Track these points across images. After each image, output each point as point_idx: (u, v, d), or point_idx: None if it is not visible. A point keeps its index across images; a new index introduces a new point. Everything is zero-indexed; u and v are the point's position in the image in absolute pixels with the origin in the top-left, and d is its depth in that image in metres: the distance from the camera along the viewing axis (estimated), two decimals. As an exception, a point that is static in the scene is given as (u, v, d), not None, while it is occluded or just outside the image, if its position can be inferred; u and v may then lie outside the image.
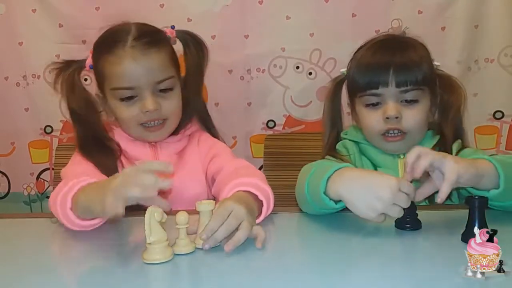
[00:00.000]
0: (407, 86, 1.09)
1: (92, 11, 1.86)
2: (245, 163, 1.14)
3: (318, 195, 0.91)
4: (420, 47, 1.15)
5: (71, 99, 1.15)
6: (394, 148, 1.14)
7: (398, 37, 1.19)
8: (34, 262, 0.82)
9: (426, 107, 1.13)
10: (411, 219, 0.90)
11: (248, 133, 1.92)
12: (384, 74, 1.09)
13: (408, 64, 1.10)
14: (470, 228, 0.81)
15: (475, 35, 1.82)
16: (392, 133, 1.11)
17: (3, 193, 2.03)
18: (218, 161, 1.16)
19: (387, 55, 1.11)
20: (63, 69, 1.16)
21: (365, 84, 1.11)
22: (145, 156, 1.15)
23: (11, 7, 1.89)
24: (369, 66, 1.11)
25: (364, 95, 1.12)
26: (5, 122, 1.96)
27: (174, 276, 0.76)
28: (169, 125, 1.14)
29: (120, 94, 1.08)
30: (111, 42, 1.09)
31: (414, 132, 1.12)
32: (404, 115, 1.10)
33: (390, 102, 1.10)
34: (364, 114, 1.14)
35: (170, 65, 1.12)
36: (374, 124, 1.12)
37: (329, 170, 0.91)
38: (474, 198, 0.83)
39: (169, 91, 1.11)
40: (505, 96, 1.85)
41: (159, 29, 1.15)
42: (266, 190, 0.99)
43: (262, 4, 1.84)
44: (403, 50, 1.12)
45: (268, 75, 1.89)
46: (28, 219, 1.16)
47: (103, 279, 0.74)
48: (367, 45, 1.16)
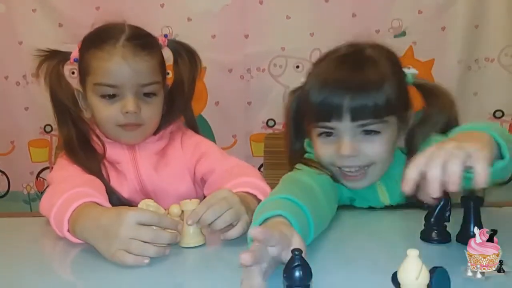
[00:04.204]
0: (365, 119, 0.93)
1: (92, 11, 1.85)
2: (237, 162, 1.13)
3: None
4: (382, 60, 0.97)
5: (58, 91, 1.12)
6: (355, 185, 1.01)
7: (358, 51, 1.00)
8: (34, 262, 0.81)
9: (391, 137, 0.98)
10: (439, 230, 0.83)
11: (248, 132, 1.92)
12: (337, 104, 0.93)
13: (365, 89, 0.93)
14: (465, 229, 0.81)
15: (475, 35, 1.82)
16: (350, 171, 0.98)
17: (2, 192, 2.03)
18: (208, 161, 1.14)
19: (342, 77, 0.95)
20: (47, 58, 1.13)
21: (315, 114, 0.98)
22: (124, 158, 1.13)
23: (11, 7, 1.89)
24: (322, 89, 0.96)
25: (315, 126, 0.99)
26: (5, 121, 1.96)
27: (169, 269, 0.77)
28: (145, 130, 1.11)
29: (102, 90, 1.06)
30: (102, 38, 1.08)
31: (377, 165, 0.98)
32: (363, 150, 0.95)
33: (344, 138, 0.95)
34: (317, 144, 1.01)
35: (158, 71, 1.11)
36: (327, 158, 0.99)
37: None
38: (469, 198, 0.81)
39: (152, 96, 1.09)
40: (505, 95, 1.85)
41: (151, 34, 1.14)
42: (264, 188, 0.98)
43: (262, 4, 1.84)
44: (360, 70, 0.95)
45: (268, 75, 1.89)
46: (27, 218, 1.16)
47: (103, 279, 0.74)
48: (322, 64, 1.03)
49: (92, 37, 1.12)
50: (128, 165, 1.13)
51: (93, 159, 1.09)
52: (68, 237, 0.87)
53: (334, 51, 1.04)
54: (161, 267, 0.77)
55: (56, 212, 0.88)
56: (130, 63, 1.04)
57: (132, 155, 1.14)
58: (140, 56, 1.06)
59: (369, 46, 1.01)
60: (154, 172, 1.13)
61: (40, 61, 1.13)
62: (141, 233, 0.77)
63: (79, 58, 1.12)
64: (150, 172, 1.13)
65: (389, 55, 1.01)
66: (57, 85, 1.12)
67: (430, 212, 0.84)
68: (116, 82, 1.05)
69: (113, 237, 0.77)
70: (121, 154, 1.13)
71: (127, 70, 1.04)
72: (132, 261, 0.76)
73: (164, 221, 0.80)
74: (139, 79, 1.06)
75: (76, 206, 0.86)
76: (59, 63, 1.14)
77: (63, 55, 1.14)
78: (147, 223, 0.78)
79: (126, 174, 1.12)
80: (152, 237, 0.77)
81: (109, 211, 0.86)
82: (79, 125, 1.12)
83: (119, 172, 1.12)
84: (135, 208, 0.82)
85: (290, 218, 0.74)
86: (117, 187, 1.10)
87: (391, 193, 1.05)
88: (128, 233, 0.77)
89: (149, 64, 1.08)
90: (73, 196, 0.89)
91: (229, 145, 1.91)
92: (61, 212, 0.87)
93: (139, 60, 1.06)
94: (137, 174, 1.13)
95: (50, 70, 1.12)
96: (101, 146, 1.12)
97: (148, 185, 1.13)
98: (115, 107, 1.06)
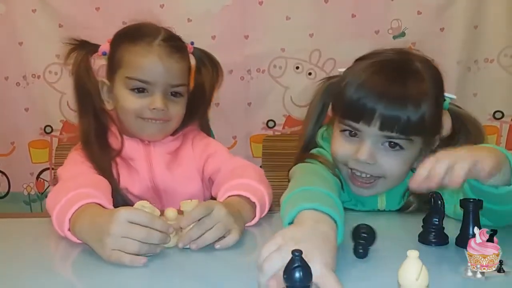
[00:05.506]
0: (393, 132, 0.91)
1: (92, 11, 1.86)
2: (242, 162, 1.14)
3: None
4: (428, 78, 0.93)
5: (86, 81, 1.14)
6: (360, 192, 1.00)
7: (406, 61, 0.96)
8: (34, 262, 0.81)
9: (411, 157, 0.96)
10: (436, 232, 0.82)
11: (248, 133, 1.93)
12: (370, 108, 0.90)
13: (402, 102, 0.90)
14: (464, 232, 0.81)
15: (474, 35, 1.82)
16: (360, 176, 0.97)
17: (3, 192, 2.03)
18: (214, 161, 1.16)
19: (382, 84, 0.91)
20: (77, 47, 1.16)
21: (346, 112, 0.96)
22: (138, 154, 1.15)
23: (11, 7, 1.89)
24: (358, 91, 0.93)
25: (342, 122, 0.97)
26: (5, 122, 1.96)
27: (168, 269, 0.77)
28: (168, 126, 1.14)
29: (134, 84, 1.09)
30: (139, 35, 1.11)
31: (387, 180, 0.97)
32: (380, 161, 0.93)
33: (366, 143, 0.93)
34: (337, 139, 0.99)
35: (186, 74, 1.16)
36: (342, 156, 0.97)
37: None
38: (468, 201, 0.81)
39: (178, 96, 1.13)
40: (505, 96, 1.85)
41: (182, 39, 1.18)
42: (260, 190, 0.99)
43: (262, 4, 1.85)
44: (402, 81, 0.92)
45: (268, 75, 1.89)
46: (28, 218, 1.16)
47: (103, 279, 0.74)
48: (365, 62, 0.98)
49: (128, 33, 1.15)
50: (142, 161, 1.15)
51: (106, 155, 1.12)
52: (69, 236, 0.87)
53: (380, 52, 1.00)
54: (162, 267, 0.77)
55: (59, 211, 0.89)
56: (164, 62, 1.09)
57: (147, 152, 1.16)
58: (173, 58, 1.10)
59: (418, 59, 0.96)
60: (167, 171, 1.15)
61: (70, 49, 1.15)
62: (134, 232, 0.77)
63: (110, 52, 1.15)
64: (163, 171, 1.15)
65: (435, 75, 0.97)
66: (85, 75, 1.14)
67: (428, 214, 0.84)
68: (149, 78, 1.08)
69: (105, 235, 0.77)
70: (136, 151, 1.15)
71: (161, 68, 1.08)
72: (129, 260, 0.76)
73: (156, 223, 0.79)
74: (169, 79, 1.10)
75: (78, 207, 0.87)
76: (87, 54, 1.16)
77: (93, 47, 1.17)
78: (138, 222, 0.78)
79: (139, 170, 1.14)
80: (144, 236, 0.77)
81: (105, 211, 0.86)
82: (100, 117, 1.15)
83: (131, 169, 1.14)
84: (129, 207, 0.83)
85: (339, 225, 0.73)
86: (128, 184, 1.12)
87: (389, 201, 1.05)
88: (119, 230, 0.77)
89: (180, 66, 1.12)
90: (76, 197, 0.90)
91: (229, 146, 1.91)
92: (63, 211, 0.88)
93: (172, 61, 1.10)
94: (150, 172, 1.15)
95: (79, 60, 1.15)
96: (120, 139, 1.14)
97: (160, 183, 1.15)
98: (142, 102, 1.09)
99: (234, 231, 0.84)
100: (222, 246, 0.82)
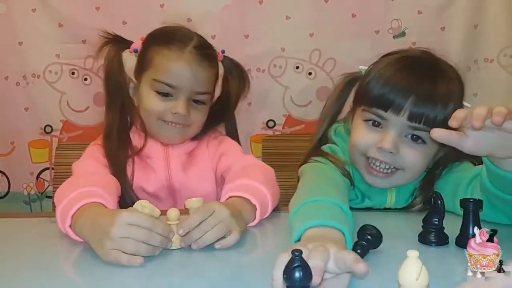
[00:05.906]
0: (421, 123, 0.93)
1: (92, 11, 1.86)
2: (253, 161, 1.14)
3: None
4: (454, 79, 0.98)
5: (118, 75, 1.15)
6: (375, 182, 1.00)
7: (434, 61, 1.00)
8: (34, 262, 0.81)
9: (431, 153, 0.98)
10: (436, 232, 0.82)
11: (248, 132, 1.93)
12: (400, 98, 0.93)
13: (432, 99, 0.93)
14: (464, 232, 0.81)
15: (474, 35, 1.82)
16: (379, 166, 0.98)
17: (3, 192, 2.03)
18: (227, 159, 1.17)
19: (412, 79, 0.94)
20: (111, 41, 1.17)
21: (374, 100, 0.97)
22: (156, 153, 1.16)
23: (11, 7, 1.89)
24: (387, 82, 0.95)
25: (367, 111, 0.98)
26: (5, 122, 1.96)
27: (169, 269, 0.77)
28: (188, 131, 1.16)
29: (159, 87, 1.10)
30: (172, 39, 1.12)
31: (405, 173, 0.98)
32: (402, 152, 0.95)
33: (391, 132, 0.95)
34: (359, 128, 1.00)
35: (212, 82, 1.16)
36: (363, 145, 0.98)
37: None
38: (468, 201, 0.81)
39: (201, 104, 1.14)
40: (505, 96, 1.85)
41: (214, 47, 1.19)
42: (262, 192, 0.98)
43: (262, 4, 1.85)
44: (433, 79, 0.95)
45: (268, 75, 1.89)
46: (27, 218, 1.16)
47: (103, 278, 0.74)
48: (394, 56, 1.01)
49: (161, 35, 1.15)
50: (160, 161, 1.16)
51: (124, 152, 1.13)
52: (69, 232, 0.87)
53: (405, 51, 1.04)
54: (162, 267, 0.77)
55: (64, 206, 0.89)
56: (193, 69, 1.09)
57: (165, 151, 1.17)
58: (202, 66, 1.11)
59: (445, 63, 1.01)
60: (183, 171, 1.16)
61: (104, 42, 1.16)
62: (134, 233, 0.77)
63: (141, 50, 1.15)
64: (179, 171, 1.16)
65: (460, 81, 1.00)
66: (117, 70, 1.16)
67: (428, 214, 0.84)
68: (175, 83, 1.09)
69: (105, 237, 0.77)
70: (155, 149, 1.16)
71: (188, 75, 1.09)
72: (126, 260, 0.76)
73: (157, 227, 0.79)
74: (195, 86, 1.11)
75: (82, 204, 0.87)
76: (120, 49, 1.17)
77: (125, 43, 1.18)
78: (139, 225, 0.78)
79: (155, 169, 1.15)
80: (145, 237, 0.78)
81: (107, 212, 0.86)
82: (127, 112, 1.16)
83: (147, 167, 1.15)
84: (130, 209, 0.83)
85: (347, 236, 0.74)
86: (143, 181, 1.13)
87: (398, 198, 1.05)
88: (120, 232, 0.77)
89: (207, 75, 1.13)
90: (83, 194, 0.90)
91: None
92: (67, 207, 0.88)
93: (201, 69, 1.11)
94: (167, 171, 1.16)
95: (112, 54, 1.16)
96: (143, 137, 1.15)
97: (176, 182, 1.16)
98: (165, 105, 1.11)
99: (234, 231, 0.85)
100: (222, 246, 0.83)
